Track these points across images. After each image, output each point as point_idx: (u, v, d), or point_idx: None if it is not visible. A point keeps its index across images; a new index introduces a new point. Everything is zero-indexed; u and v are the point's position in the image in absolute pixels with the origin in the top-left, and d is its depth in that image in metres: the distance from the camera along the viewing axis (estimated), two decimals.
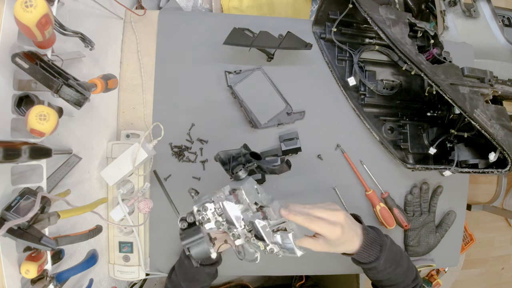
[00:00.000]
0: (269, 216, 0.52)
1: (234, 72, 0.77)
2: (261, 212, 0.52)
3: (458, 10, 1.04)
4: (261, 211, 0.53)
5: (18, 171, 0.46)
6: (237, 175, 0.56)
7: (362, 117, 0.80)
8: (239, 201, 0.52)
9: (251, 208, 0.52)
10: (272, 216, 0.52)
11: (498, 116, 0.67)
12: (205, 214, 0.51)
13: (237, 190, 0.52)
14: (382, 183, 0.82)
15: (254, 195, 0.53)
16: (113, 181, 0.65)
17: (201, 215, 0.51)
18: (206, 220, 0.51)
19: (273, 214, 0.52)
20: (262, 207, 0.53)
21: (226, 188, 0.53)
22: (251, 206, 0.52)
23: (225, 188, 0.53)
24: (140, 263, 0.74)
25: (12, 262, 0.43)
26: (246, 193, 0.51)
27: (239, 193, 0.52)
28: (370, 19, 0.66)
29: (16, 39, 0.41)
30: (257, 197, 0.54)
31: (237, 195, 0.52)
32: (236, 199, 0.52)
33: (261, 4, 0.95)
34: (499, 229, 2.00)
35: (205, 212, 0.51)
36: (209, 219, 0.51)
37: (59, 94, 0.41)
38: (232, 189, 0.53)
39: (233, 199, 0.52)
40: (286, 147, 0.77)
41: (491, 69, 0.73)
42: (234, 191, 0.53)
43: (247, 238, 0.52)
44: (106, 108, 0.73)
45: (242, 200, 0.52)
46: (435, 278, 1.55)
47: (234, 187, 0.53)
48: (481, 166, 0.74)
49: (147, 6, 0.83)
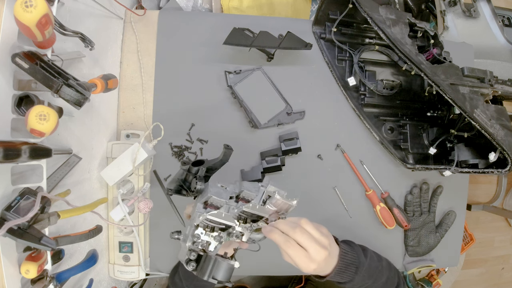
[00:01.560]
0: (249, 197, 0.53)
1: (234, 72, 0.77)
2: (241, 200, 0.53)
3: (458, 10, 1.04)
4: (240, 200, 0.53)
5: (18, 171, 0.46)
6: (198, 190, 0.56)
7: (362, 117, 0.80)
8: (217, 206, 0.52)
9: (231, 204, 0.52)
10: (251, 196, 0.52)
11: (498, 116, 0.67)
12: (201, 241, 0.51)
13: (208, 200, 0.51)
14: (382, 183, 0.82)
15: (225, 192, 0.53)
16: (113, 181, 0.65)
17: (199, 245, 0.51)
18: (207, 244, 0.51)
19: (250, 193, 0.52)
20: (238, 196, 0.53)
21: (199, 206, 0.52)
22: (229, 203, 0.52)
23: (198, 207, 0.52)
24: (140, 263, 0.74)
25: (12, 262, 0.43)
26: (217, 196, 0.51)
27: (210, 200, 0.51)
28: (370, 19, 0.66)
29: (16, 39, 0.41)
30: (227, 191, 0.54)
31: (211, 203, 0.51)
32: (213, 207, 0.51)
33: (261, 4, 0.95)
34: (499, 229, 2.00)
35: (199, 240, 0.50)
36: (208, 241, 0.51)
37: (59, 94, 0.41)
38: (204, 202, 0.52)
39: (210, 209, 0.51)
40: (286, 147, 0.77)
41: (491, 69, 0.73)
42: (206, 203, 0.52)
43: (249, 228, 0.52)
44: (106, 108, 0.73)
45: (218, 203, 0.51)
46: (435, 278, 1.55)
47: (204, 199, 0.52)
48: (481, 166, 0.74)
49: (147, 6, 0.83)
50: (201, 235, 0.51)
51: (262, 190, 0.52)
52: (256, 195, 0.52)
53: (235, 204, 0.53)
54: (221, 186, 0.55)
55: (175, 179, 0.61)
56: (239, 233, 0.52)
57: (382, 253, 0.85)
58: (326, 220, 0.81)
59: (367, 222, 0.83)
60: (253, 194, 0.52)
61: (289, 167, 0.80)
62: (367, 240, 0.84)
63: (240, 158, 0.79)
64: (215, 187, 0.54)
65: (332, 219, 0.82)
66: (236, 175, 0.79)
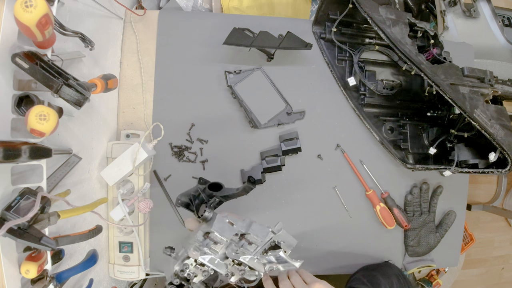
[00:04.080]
0: (253, 240, 0.50)
1: (234, 72, 0.77)
2: (244, 240, 0.50)
3: (458, 10, 1.04)
4: (244, 239, 0.50)
5: (18, 171, 0.46)
6: (204, 217, 0.54)
7: (362, 117, 0.80)
8: (216, 242, 0.50)
9: (233, 240, 0.50)
10: (255, 240, 0.50)
11: (498, 116, 0.67)
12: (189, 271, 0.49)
13: (210, 233, 0.50)
14: (382, 183, 0.82)
15: (230, 229, 0.51)
16: (113, 181, 0.65)
17: (186, 273, 0.49)
18: (193, 276, 0.50)
19: (255, 238, 0.50)
20: (244, 235, 0.51)
21: (199, 234, 0.50)
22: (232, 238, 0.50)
23: (198, 235, 0.50)
24: (140, 263, 0.74)
25: (12, 262, 0.43)
26: (219, 233, 0.49)
27: (212, 235, 0.50)
28: (370, 19, 0.66)
29: (16, 39, 0.41)
30: (233, 229, 0.51)
31: (212, 237, 0.50)
32: (213, 241, 0.50)
33: (261, 4, 0.95)
34: (499, 229, 2.00)
35: (187, 270, 0.49)
36: (194, 273, 0.50)
37: (59, 94, 0.41)
38: (205, 233, 0.51)
39: (210, 243, 0.50)
40: (286, 147, 0.77)
41: (491, 69, 0.73)
42: (207, 234, 0.50)
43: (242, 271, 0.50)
44: (106, 108, 0.73)
45: (219, 240, 0.50)
46: (435, 278, 1.55)
47: (206, 230, 0.51)
48: (481, 166, 0.74)
49: (147, 6, 0.83)
50: (191, 266, 0.49)
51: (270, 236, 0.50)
52: (262, 240, 0.50)
53: (237, 240, 0.50)
54: (228, 222, 0.52)
55: (188, 193, 0.59)
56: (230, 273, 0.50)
57: (382, 253, 0.85)
58: (326, 220, 0.82)
59: (367, 222, 0.83)
60: (259, 240, 0.50)
61: (289, 167, 0.80)
62: (367, 240, 0.84)
63: (240, 158, 0.79)
64: (221, 221, 0.51)
65: (332, 219, 0.82)
66: (236, 175, 0.79)
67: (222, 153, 0.78)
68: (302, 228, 0.81)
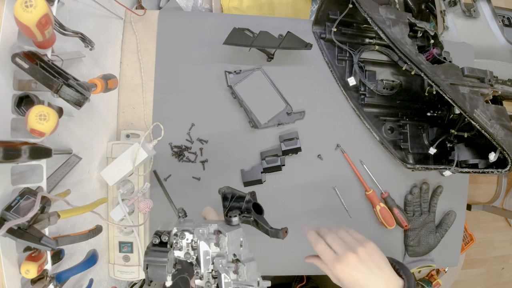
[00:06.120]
0: (240, 273, 0.49)
1: (234, 72, 0.77)
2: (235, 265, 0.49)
3: (458, 10, 1.04)
4: (235, 264, 0.49)
5: (18, 171, 0.46)
6: (230, 220, 0.53)
7: (362, 117, 0.80)
8: (219, 244, 0.49)
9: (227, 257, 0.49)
10: (243, 275, 0.49)
11: (498, 116, 0.67)
12: (180, 241, 0.49)
13: (221, 234, 0.50)
14: (382, 183, 0.82)
15: (236, 247, 0.50)
16: (113, 181, 0.65)
17: (176, 240, 0.49)
18: (178, 247, 0.49)
19: (244, 273, 0.48)
20: (238, 261, 0.50)
21: (212, 227, 0.50)
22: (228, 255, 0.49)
23: (211, 226, 0.50)
24: (140, 263, 0.74)
25: (12, 262, 0.43)
26: (228, 241, 0.49)
27: (222, 237, 0.49)
28: (370, 19, 0.66)
29: (16, 39, 0.41)
30: (238, 250, 0.51)
31: (220, 238, 0.49)
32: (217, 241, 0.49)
33: (261, 4, 0.95)
34: (499, 229, 2.00)
35: (181, 240, 0.49)
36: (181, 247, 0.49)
37: (59, 94, 0.41)
38: (218, 231, 0.51)
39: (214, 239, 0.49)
40: (286, 147, 0.77)
41: (491, 69, 0.73)
42: (219, 232, 0.50)
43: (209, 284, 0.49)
44: (106, 108, 0.73)
45: (222, 246, 0.49)
46: (435, 278, 1.55)
47: (221, 229, 0.50)
48: (481, 166, 0.74)
49: (147, 6, 0.83)
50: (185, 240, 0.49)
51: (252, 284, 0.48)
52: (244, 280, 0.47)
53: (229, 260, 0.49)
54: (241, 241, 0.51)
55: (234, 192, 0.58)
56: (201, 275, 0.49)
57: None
58: (326, 220, 0.82)
59: (367, 222, 0.83)
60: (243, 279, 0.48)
61: (289, 167, 0.80)
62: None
63: (240, 158, 0.79)
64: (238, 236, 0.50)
65: (332, 219, 0.82)
66: (236, 175, 0.79)
67: (222, 153, 0.78)
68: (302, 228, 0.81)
